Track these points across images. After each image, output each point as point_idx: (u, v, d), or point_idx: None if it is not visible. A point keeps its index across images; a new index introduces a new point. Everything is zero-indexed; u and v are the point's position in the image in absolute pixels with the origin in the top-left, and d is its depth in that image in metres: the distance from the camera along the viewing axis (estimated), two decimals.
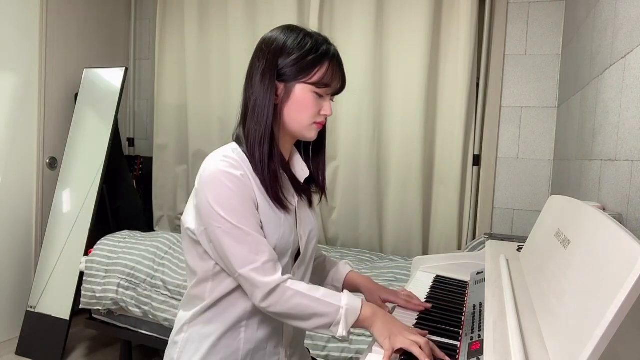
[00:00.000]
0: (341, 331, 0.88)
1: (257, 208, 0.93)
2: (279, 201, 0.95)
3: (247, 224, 0.89)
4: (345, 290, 0.92)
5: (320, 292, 0.90)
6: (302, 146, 1.10)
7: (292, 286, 0.89)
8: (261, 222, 0.93)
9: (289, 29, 0.98)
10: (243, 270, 0.88)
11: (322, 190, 1.10)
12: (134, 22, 3.45)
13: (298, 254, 1.03)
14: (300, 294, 0.88)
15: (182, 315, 1.02)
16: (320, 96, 0.96)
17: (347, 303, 0.89)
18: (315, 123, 0.97)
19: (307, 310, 0.88)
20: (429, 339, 0.87)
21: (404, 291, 1.15)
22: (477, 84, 2.50)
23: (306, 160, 1.09)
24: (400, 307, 1.11)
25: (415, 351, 0.82)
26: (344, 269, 1.18)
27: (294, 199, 1.02)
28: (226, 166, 0.90)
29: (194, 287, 1.00)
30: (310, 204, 1.09)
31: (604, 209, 1.30)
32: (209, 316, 0.98)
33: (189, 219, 0.97)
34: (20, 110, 2.78)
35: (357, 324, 0.89)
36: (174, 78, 3.16)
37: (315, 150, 1.09)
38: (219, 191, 0.89)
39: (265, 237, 0.93)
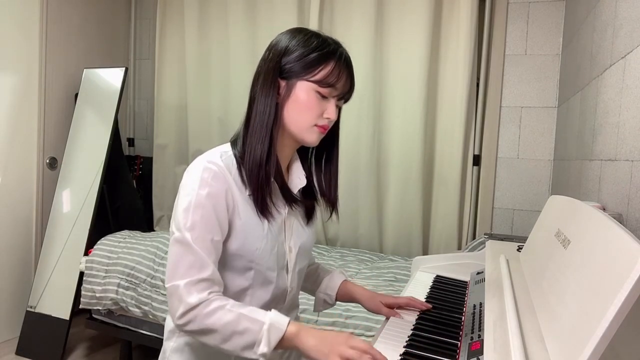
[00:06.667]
0: (262, 348, 0.80)
1: (239, 217, 0.90)
2: (263, 207, 0.91)
3: (200, 243, 0.85)
4: (273, 310, 0.85)
5: (246, 308, 0.83)
6: (311, 155, 1.05)
7: (216, 301, 0.83)
8: (241, 233, 0.90)
9: (298, 30, 0.95)
10: (175, 283, 0.83)
11: (332, 205, 1.03)
12: (134, 22, 3.45)
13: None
14: (222, 309, 0.82)
15: (169, 323, 0.99)
16: (324, 97, 0.91)
17: (272, 319, 0.82)
18: (317, 126, 0.92)
19: (227, 327, 0.81)
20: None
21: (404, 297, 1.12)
22: (477, 84, 2.50)
23: (313, 169, 1.03)
24: (402, 307, 1.10)
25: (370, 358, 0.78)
26: (338, 277, 1.14)
27: (283, 209, 0.97)
28: (207, 173, 0.87)
29: None
30: (308, 217, 1.03)
31: (604, 209, 1.30)
32: None
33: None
34: (20, 110, 2.78)
35: (281, 344, 0.82)
36: (174, 78, 3.16)
37: (325, 160, 1.04)
38: (189, 199, 0.86)
39: (245, 248, 0.90)
